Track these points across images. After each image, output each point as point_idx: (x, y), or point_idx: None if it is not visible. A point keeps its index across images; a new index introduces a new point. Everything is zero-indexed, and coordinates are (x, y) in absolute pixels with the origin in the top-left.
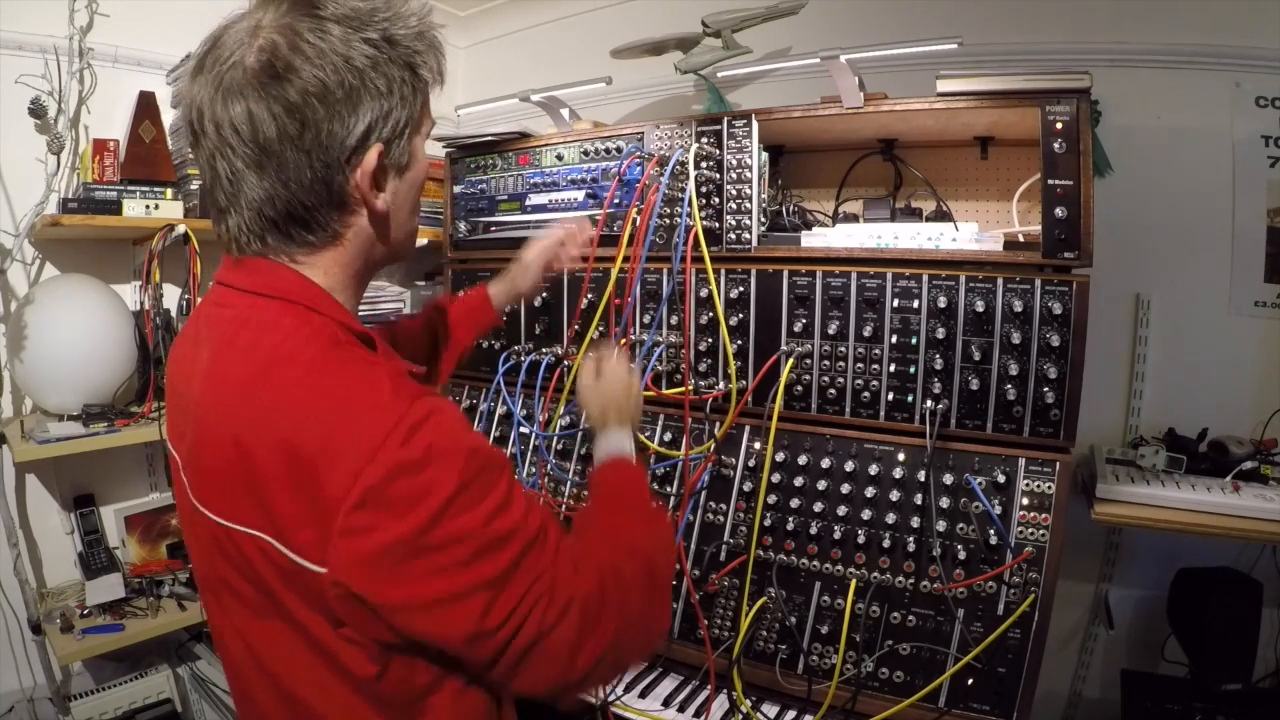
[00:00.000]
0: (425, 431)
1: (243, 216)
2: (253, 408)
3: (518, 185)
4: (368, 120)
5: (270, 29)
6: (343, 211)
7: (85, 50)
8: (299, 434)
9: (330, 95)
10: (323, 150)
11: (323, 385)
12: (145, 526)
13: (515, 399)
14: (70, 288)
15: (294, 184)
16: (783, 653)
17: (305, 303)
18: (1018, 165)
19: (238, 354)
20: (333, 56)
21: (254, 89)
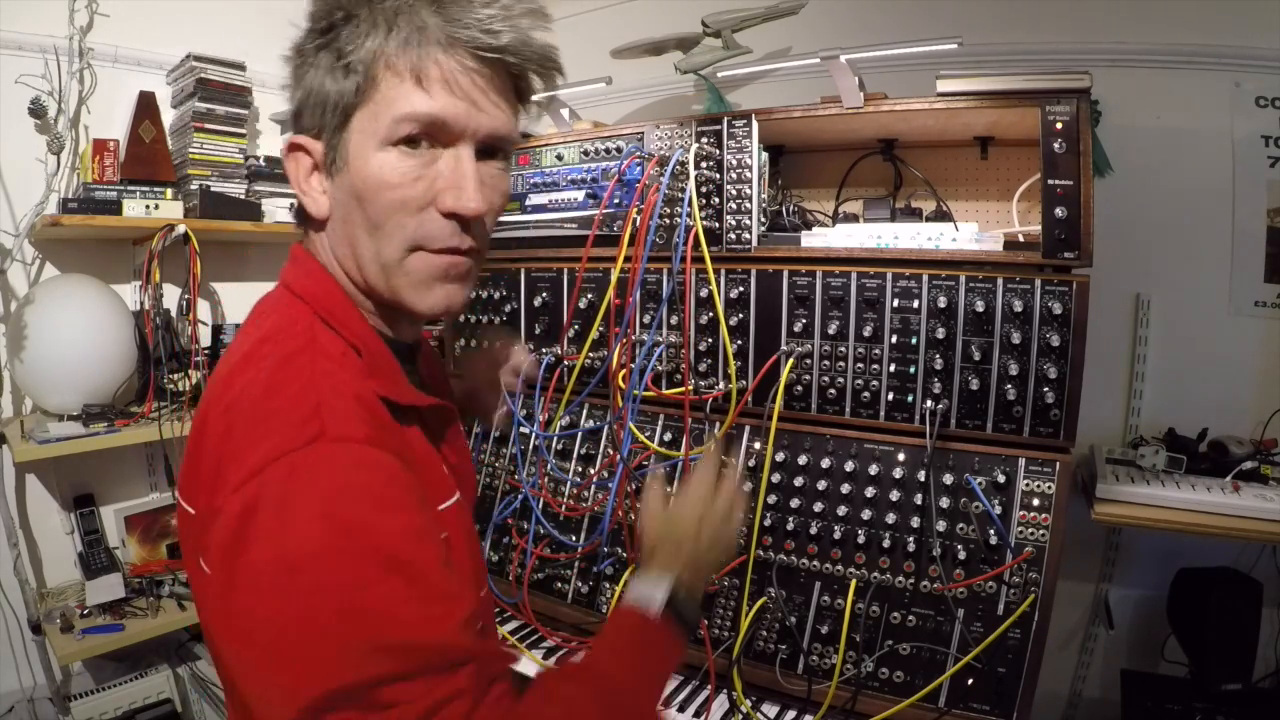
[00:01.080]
0: (299, 478)
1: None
2: (218, 399)
3: (518, 185)
4: (295, 105)
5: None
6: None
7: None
8: (229, 434)
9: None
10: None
11: (260, 394)
12: (145, 526)
13: (515, 399)
14: (70, 288)
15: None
16: (783, 653)
17: (313, 301)
18: (1018, 165)
19: (236, 344)
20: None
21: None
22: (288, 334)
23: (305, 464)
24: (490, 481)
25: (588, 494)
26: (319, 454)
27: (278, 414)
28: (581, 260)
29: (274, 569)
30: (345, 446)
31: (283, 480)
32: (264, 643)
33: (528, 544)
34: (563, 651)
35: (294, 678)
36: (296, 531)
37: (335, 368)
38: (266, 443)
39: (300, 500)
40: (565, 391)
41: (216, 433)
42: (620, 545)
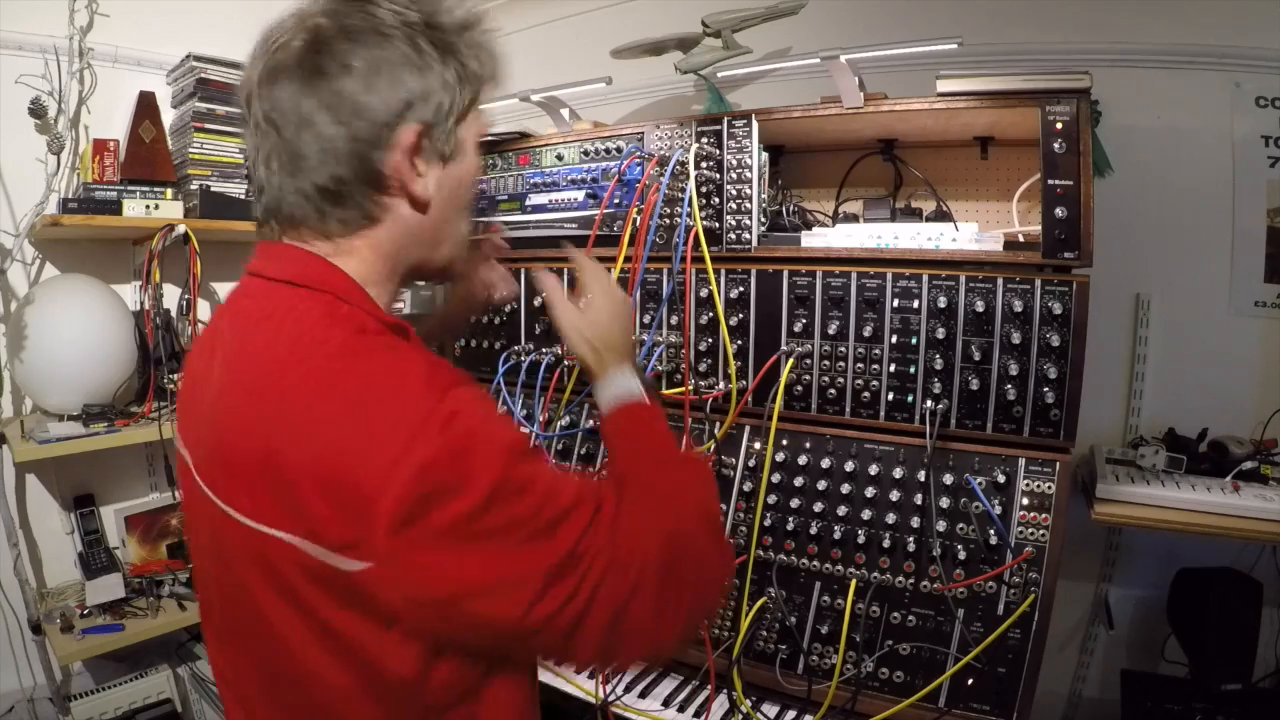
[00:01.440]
0: (460, 422)
1: (284, 192)
2: (278, 402)
3: (518, 185)
4: (404, 96)
5: (319, 13)
6: (379, 190)
7: (85, 50)
8: (325, 427)
9: (367, 68)
10: (358, 117)
11: (350, 375)
12: (145, 526)
13: (515, 399)
14: (70, 288)
15: (331, 158)
16: (783, 653)
17: (334, 291)
18: (1018, 165)
19: (263, 344)
20: (371, 34)
21: (298, 68)
22: (332, 320)
23: (454, 410)
24: None
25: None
26: (458, 399)
27: (393, 390)
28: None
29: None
30: (462, 389)
31: (442, 427)
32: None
33: None
34: None
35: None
36: (478, 466)
37: (397, 340)
38: (404, 419)
39: (468, 439)
40: (565, 391)
41: (309, 437)
42: None
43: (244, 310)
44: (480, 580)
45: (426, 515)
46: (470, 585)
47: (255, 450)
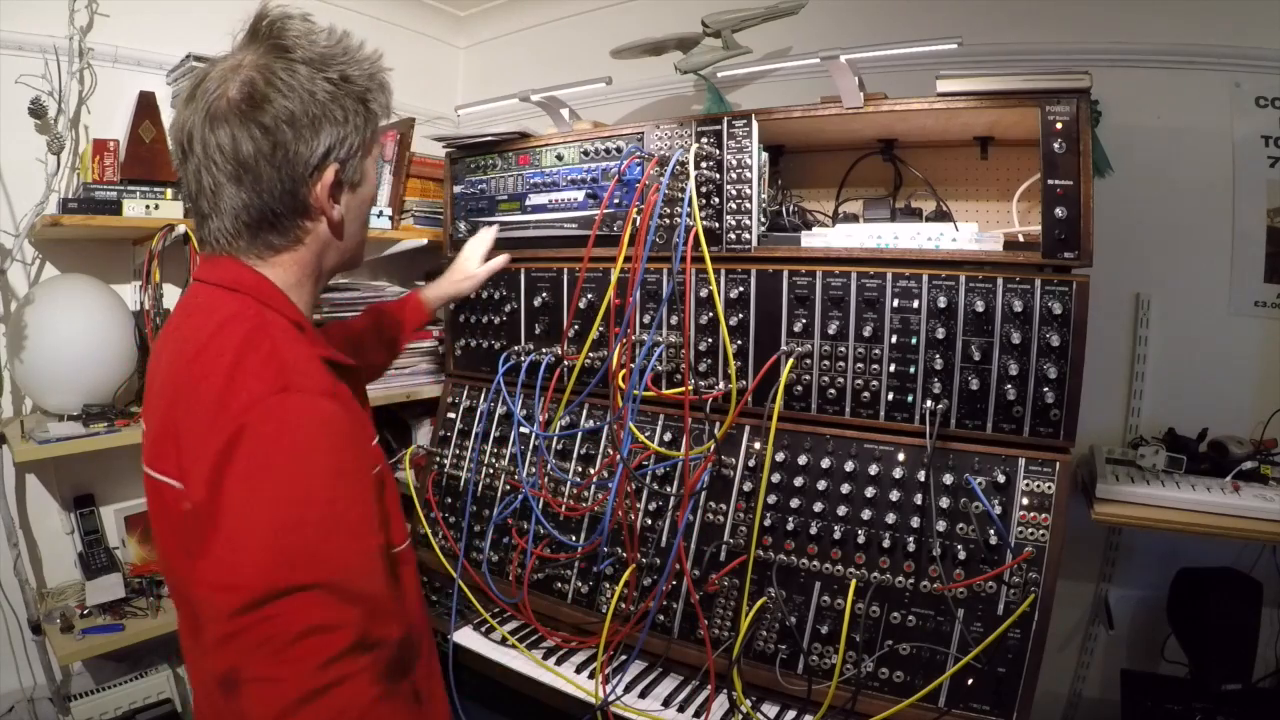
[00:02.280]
0: (276, 418)
1: (223, 221)
2: (184, 375)
3: (518, 185)
4: (327, 143)
5: (250, 67)
6: (305, 218)
7: (85, 50)
8: (201, 392)
9: (298, 121)
10: (290, 166)
11: (228, 358)
12: (145, 526)
13: (515, 399)
14: (70, 288)
15: (266, 194)
16: (783, 653)
17: (253, 294)
18: (1018, 165)
19: (188, 332)
20: (300, 91)
21: (236, 115)
22: (242, 318)
23: (280, 406)
24: (490, 481)
25: (588, 494)
26: (290, 400)
27: (251, 372)
28: (583, 260)
29: (247, 488)
30: (308, 398)
31: (261, 417)
32: (233, 536)
33: (528, 544)
34: (562, 652)
35: (247, 571)
36: (267, 462)
37: (288, 340)
38: (245, 394)
39: (274, 431)
40: (565, 391)
41: (193, 403)
42: (620, 545)
43: (183, 307)
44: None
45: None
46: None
47: (164, 414)
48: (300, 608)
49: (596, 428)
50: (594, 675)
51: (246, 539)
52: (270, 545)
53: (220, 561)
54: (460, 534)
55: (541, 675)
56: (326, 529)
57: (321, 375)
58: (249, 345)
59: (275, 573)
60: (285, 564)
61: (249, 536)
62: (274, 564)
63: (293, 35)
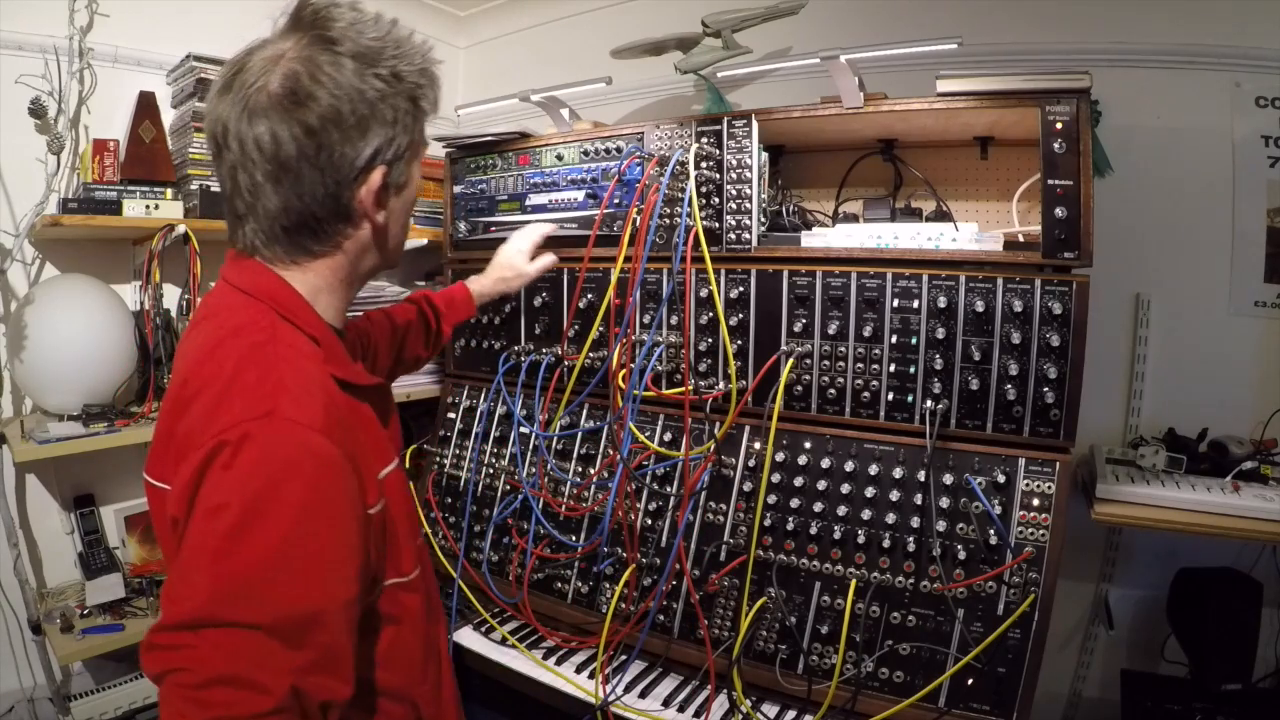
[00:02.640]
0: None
1: (259, 224)
2: (185, 387)
3: (518, 185)
4: (375, 144)
5: (292, 59)
6: (347, 223)
7: (85, 50)
8: (200, 404)
9: (344, 121)
10: (335, 169)
11: (230, 371)
12: (145, 526)
13: (515, 399)
14: (70, 288)
15: (307, 197)
16: (783, 653)
17: (271, 302)
18: (1018, 165)
19: (200, 339)
20: (347, 88)
21: (277, 111)
22: (253, 328)
23: (257, 432)
24: (490, 481)
25: (588, 494)
26: (270, 428)
27: (243, 391)
28: (583, 260)
29: (207, 506)
30: (292, 427)
31: (236, 441)
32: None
33: (528, 544)
34: (562, 652)
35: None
36: (230, 483)
37: (296, 355)
38: (230, 413)
39: (243, 460)
40: (565, 391)
41: (187, 413)
42: (620, 545)
43: (206, 307)
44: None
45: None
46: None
47: (164, 421)
48: (225, 646)
49: (596, 428)
50: (594, 675)
51: (196, 558)
52: (213, 570)
53: (173, 575)
54: (460, 534)
55: (541, 675)
56: (278, 568)
57: (319, 403)
58: (249, 360)
59: (212, 601)
60: (224, 594)
61: (199, 556)
62: (212, 591)
63: (340, 25)
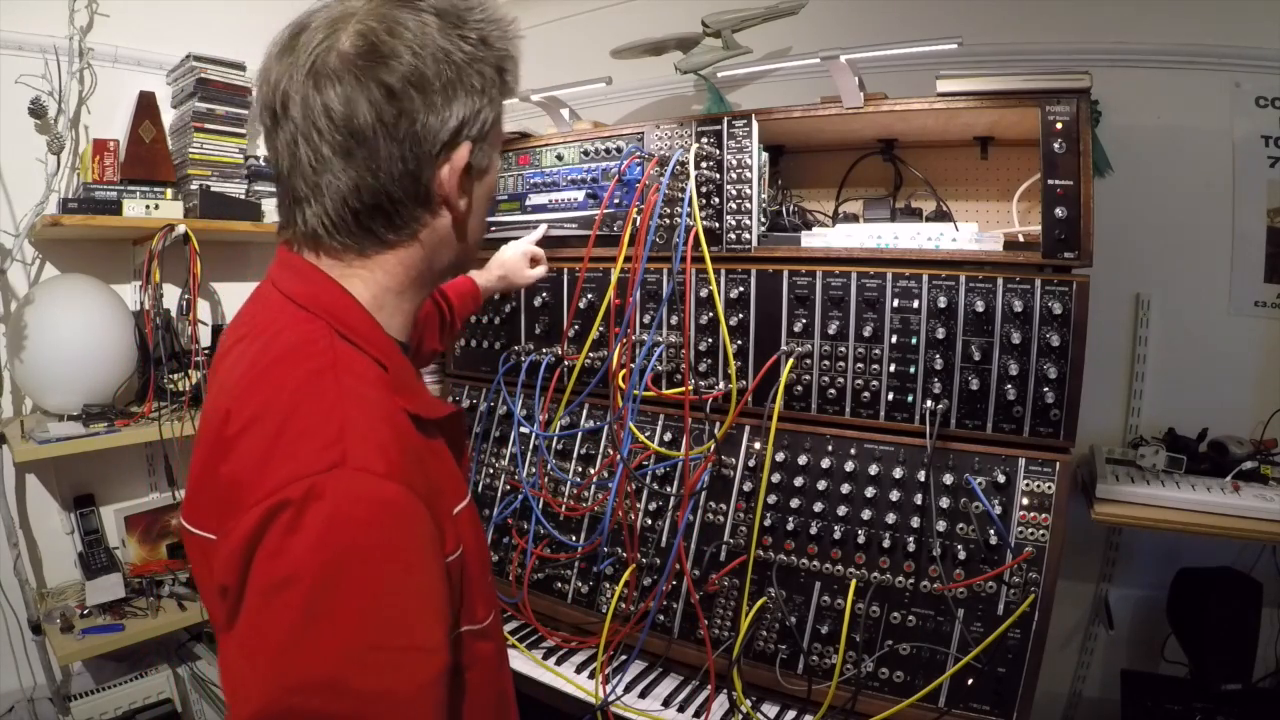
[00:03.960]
0: (321, 500)
1: (324, 206)
2: (229, 420)
3: (518, 185)
4: (461, 116)
5: (366, 15)
6: (426, 208)
7: (85, 50)
8: (249, 446)
9: (429, 85)
10: (416, 142)
11: (284, 409)
12: (145, 526)
13: (515, 399)
14: (70, 288)
15: (384, 174)
16: (783, 653)
17: (332, 319)
18: (1018, 165)
19: (248, 358)
20: (433, 48)
21: (352, 73)
22: (308, 351)
23: (324, 489)
24: (490, 481)
25: (588, 494)
26: (341, 482)
27: (302, 436)
28: (583, 261)
29: (271, 581)
30: (366, 478)
31: (300, 501)
32: (246, 641)
33: (528, 544)
34: (562, 652)
35: (258, 679)
36: (296, 552)
37: (362, 385)
38: (290, 464)
39: (310, 523)
40: (565, 391)
41: (233, 455)
42: (620, 545)
43: (248, 318)
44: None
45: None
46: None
47: (203, 458)
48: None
49: (596, 428)
50: (594, 675)
51: (262, 643)
52: (284, 661)
53: (234, 661)
54: None
55: (541, 675)
56: (361, 652)
57: (392, 444)
58: (307, 393)
59: (287, 692)
60: (298, 686)
61: (263, 641)
62: (284, 685)
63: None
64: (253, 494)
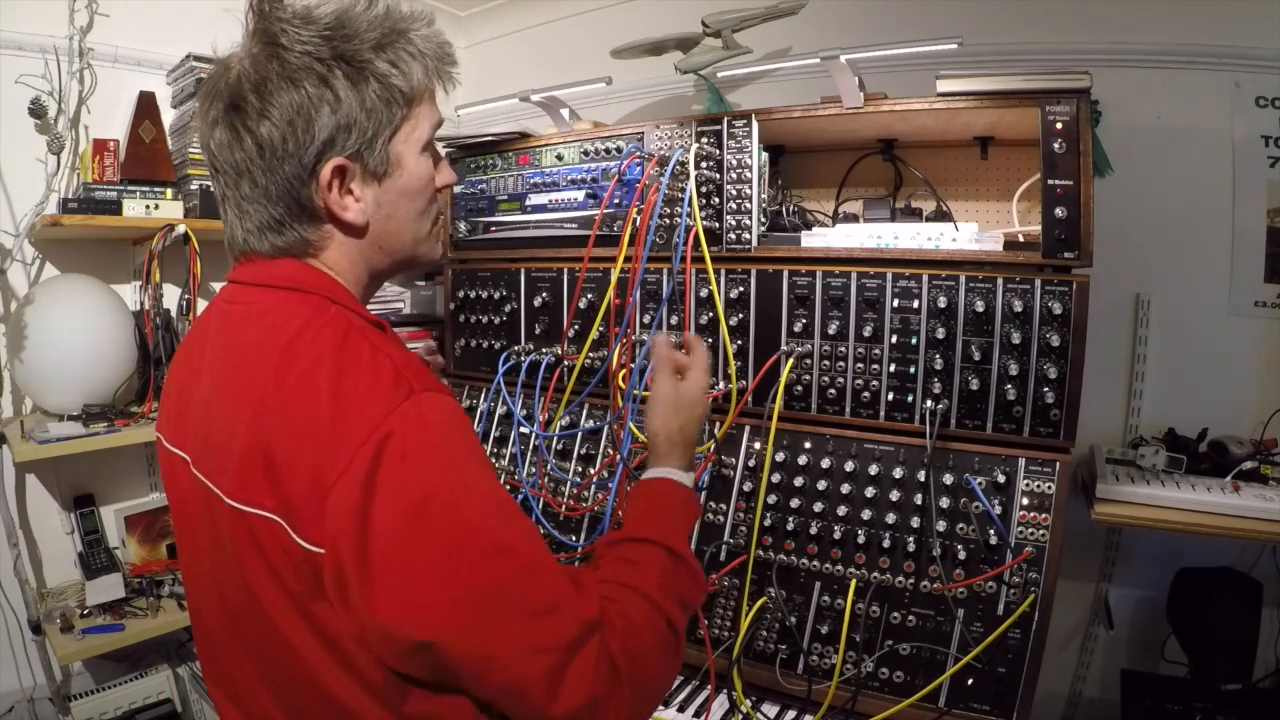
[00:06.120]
0: (418, 423)
1: (241, 230)
2: (272, 393)
3: (518, 185)
4: (323, 135)
5: (241, 59)
6: (313, 222)
7: (85, 50)
8: (306, 415)
9: (282, 117)
10: (284, 166)
11: (332, 370)
12: (145, 526)
13: (515, 399)
14: (70, 288)
15: (264, 198)
16: (783, 653)
17: (323, 293)
18: (1018, 165)
19: (256, 340)
20: (283, 81)
21: (224, 117)
22: (323, 320)
23: (414, 413)
24: None
25: (588, 494)
26: (421, 404)
27: (365, 382)
28: (583, 260)
29: (410, 506)
30: (433, 397)
31: (401, 429)
32: (400, 573)
33: None
34: None
35: (444, 590)
36: (422, 470)
37: (383, 338)
38: (370, 407)
39: (418, 443)
40: (565, 391)
41: (291, 425)
42: None
43: (232, 312)
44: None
45: (369, 508)
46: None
47: (248, 437)
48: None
49: (596, 428)
50: None
51: (441, 558)
52: (470, 553)
53: (410, 589)
54: None
55: None
56: (508, 514)
57: (431, 374)
58: (348, 350)
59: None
60: (483, 566)
61: (438, 553)
62: (471, 579)
63: (280, 17)
64: (346, 445)
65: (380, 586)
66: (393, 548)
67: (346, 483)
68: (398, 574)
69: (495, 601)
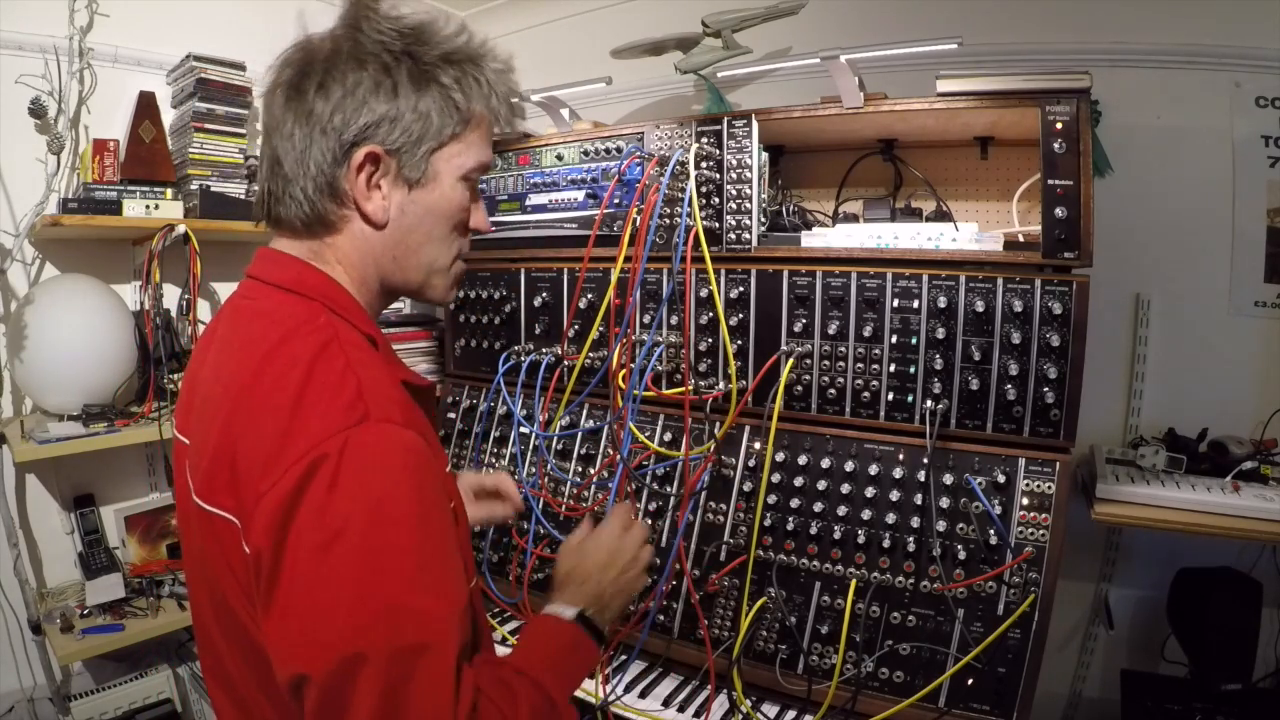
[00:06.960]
0: (357, 453)
1: (273, 195)
2: (245, 394)
3: (518, 185)
4: (368, 119)
5: (323, 38)
6: (336, 202)
7: (85, 50)
8: (267, 419)
9: (338, 91)
10: (324, 138)
11: (299, 379)
12: (145, 526)
13: (515, 399)
14: (70, 288)
15: (302, 168)
16: (783, 653)
17: (324, 299)
18: (1018, 165)
19: (248, 341)
20: (349, 59)
21: (288, 85)
22: (310, 328)
23: (357, 441)
24: None
25: (588, 494)
26: (368, 434)
27: (324, 398)
28: (583, 260)
29: (323, 536)
30: (388, 428)
31: (336, 454)
32: (301, 600)
33: (528, 544)
34: None
35: (328, 628)
36: (343, 504)
37: (363, 354)
38: (320, 422)
39: (350, 474)
40: (565, 391)
41: (253, 428)
42: None
43: (239, 309)
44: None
45: (286, 531)
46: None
47: (222, 435)
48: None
49: (596, 428)
50: (594, 675)
51: (330, 592)
52: (360, 598)
53: (283, 623)
54: None
55: None
56: (422, 576)
57: (400, 400)
58: (321, 362)
59: (366, 630)
60: (378, 621)
61: (332, 589)
62: (361, 623)
63: (370, 8)
64: (285, 457)
65: (275, 610)
66: (295, 580)
67: (273, 496)
68: (292, 610)
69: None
